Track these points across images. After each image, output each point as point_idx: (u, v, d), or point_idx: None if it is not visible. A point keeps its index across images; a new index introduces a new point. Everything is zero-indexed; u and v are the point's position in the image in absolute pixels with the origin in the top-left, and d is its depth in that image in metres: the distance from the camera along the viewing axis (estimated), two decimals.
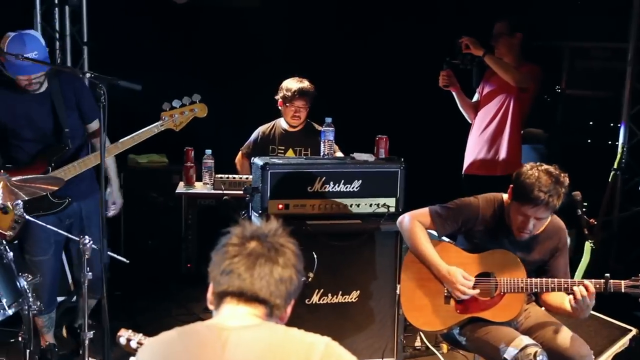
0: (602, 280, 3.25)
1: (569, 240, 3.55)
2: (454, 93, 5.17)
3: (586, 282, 3.23)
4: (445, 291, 3.48)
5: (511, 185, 3.37)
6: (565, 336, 3.34)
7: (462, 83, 5.23)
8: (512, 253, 3.42)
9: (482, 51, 4.89)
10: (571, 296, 3.25)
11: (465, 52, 4.97)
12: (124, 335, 2.56)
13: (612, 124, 6.22)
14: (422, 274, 3.52)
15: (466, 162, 5.26)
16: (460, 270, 3.42)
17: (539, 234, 3.44)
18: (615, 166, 6.01)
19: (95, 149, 4.09)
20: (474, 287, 3.41)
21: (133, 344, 2.54)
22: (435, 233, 3.59)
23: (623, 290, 3.25)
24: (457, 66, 5.12)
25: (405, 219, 3.59)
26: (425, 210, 3.56)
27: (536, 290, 3.39)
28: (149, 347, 1.93)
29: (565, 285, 3.30)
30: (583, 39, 6.37)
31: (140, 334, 2.55)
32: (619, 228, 6.04)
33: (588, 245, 4.42)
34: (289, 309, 1.92)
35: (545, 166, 3.30)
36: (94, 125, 4.12)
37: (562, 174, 3.28)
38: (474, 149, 5.18)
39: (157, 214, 5.99)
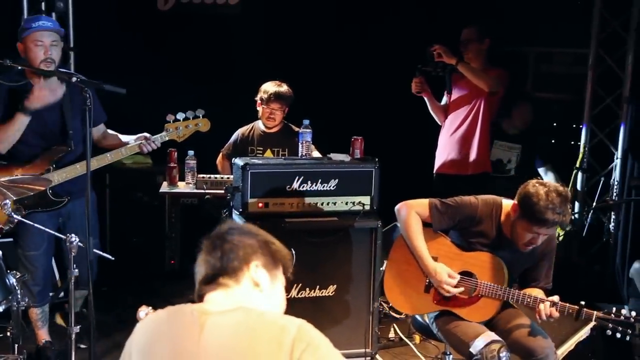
0: (576, 307, 3.24)
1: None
2: (425, 98, 5.21)
3: (558, 304, 3.24)
4: (427, 281, 3.49)
5: (516, 202, 3.30)
6: (528, 329, 3.37)
7: (432, 88, 5.27)
8: (498, 258, 3.40)
9: (454, 59, 4.93)
10: (541, 307, 3.25)
11: (437, 60, 4.99)
12: (144, 310, 2.59)
13: (574, 125, 6.29)
14: (409, 260, 3.53)
15: (437, 162, 5.31)
16: (446, 269, 3.41)
17: None
18: (577, 165, 6.09)
19: (98, 151, 4.08)
20: (456, 286, 3.43)
21: None
22: None
23: (593, 320, 3.23)
24: (429, 73, 5.15)
25: (403, 208, 3.54)
26: (424, 202, 3.52)
27: (511, 301, 3.39)
28: (144, 323, 2.01)
29: (540, 303, 3.28)
30: (547, 45, 6.44)
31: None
32: (580, 223, 6.11)
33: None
34: (252, 267, 1.98)
35: (552, 185, 3.23)
36: (101, 128, 4.16)
37: (567, 190, 3.24)
38: (445, 149, 5.23)
39: (142, 213, 5.96)
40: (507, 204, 3.41)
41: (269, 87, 5.01)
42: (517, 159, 5.74)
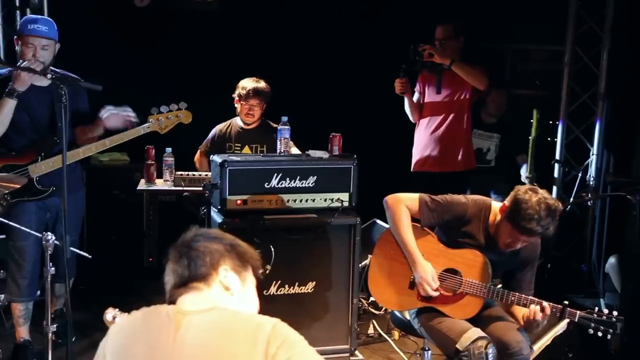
0: (560, 306, 3.25)
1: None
2: (406, 98, 5.20)
3: (544, 303, 3.25)
4: (412, 277, 3.49)
5: (506, 204, 3.30)
6: (503, 324, 3.38)
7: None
8: (484, 257, 3.41)
9: (449, 59, 4.92)
10: (526, 311, 3.27)
11: (427, 60, 4.98)
12: (110, 312, 2.58)
13: (551, 122, 6.33)
14: (395, 255, 3.53)
15: (416, 160, 5.30)
16: (432, 271, 3.42)
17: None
18: (557, 157, 6.13)
19: (82, 144, 4.09)
20: (439, 281, 3.43)
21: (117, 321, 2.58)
22: None
23: (576, 320, 3.24)
24: (414, 72, 5.15)
25: (392, 200, 3.51)
26: (415, 197, 3.50)
27: (496, 299, 3.39)
28: (119, 324, 2.01)
29: (524, 302, 3.30)
30: (524, 42, 6.48)
31: (125, 313, 2.56)
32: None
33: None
34: (221, 272, 1.99)
35: (544, 195, 3.22)
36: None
37: (558, 205, 3.24)
38: (426, 148, 5.21)
39: (119, 211, 5.92)
40: (496, 206, 3.42)
41: (247, 83, 5.00)
42: (497, 148, 5.78)
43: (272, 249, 3.97)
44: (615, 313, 3.22)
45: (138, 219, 5.63)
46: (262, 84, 5.01)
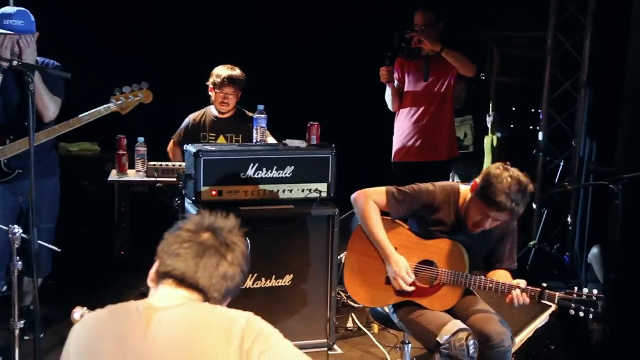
0: (538, 289, 3.28)
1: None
2: (388, 86, 5.20)
3: (522, 284, 3.28)
4: (387, 272, 3.50)
5: (476, 181, 3.32)
6: (484, 315, 3.40)
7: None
8: (459, 245, 3.42)
9: (439, 46, 4.94)
10: (513, 293, 3.28)
11: (415, 46, 5.00)
12: (78, 311, 2.55)
13: (532, 110, 6.37)
14: (368, 251, 3.53)
15: (397, 149, 5.29)
16: (405, 264, 3.42)
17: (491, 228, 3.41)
18: (539, 147, 6.17)
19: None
20: (415, 274, 3.44)
21: None
22: None
23: (556, 302, 3.27)
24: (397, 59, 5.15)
25: (360, 196, 3.52)
26: (381, 190, 3.50)
27: (473, 287, 3.42)
28: (83, 322, 1.94)
29: (503, 288, 3.31)
30: (505, 29, 6.50)
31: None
32: (539, 208, 6.21)
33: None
34: (224, 305, 1.94)
35: (515, 171, 3.24)
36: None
37: (530, 184, 3.25)
38: (408, 136, 5.21)
39: (90, 202, 5.89)
40: (465, 188, 3.44)
41: (222, 70, 4.98)
42: (472, 131, 5.81)
43: (248, 241, 3.94)
44: (595, 291, 3.25)
45: (109, 211, 5.57)
46: (237, 72, 4.99)
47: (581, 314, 3.24)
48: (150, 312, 1.85)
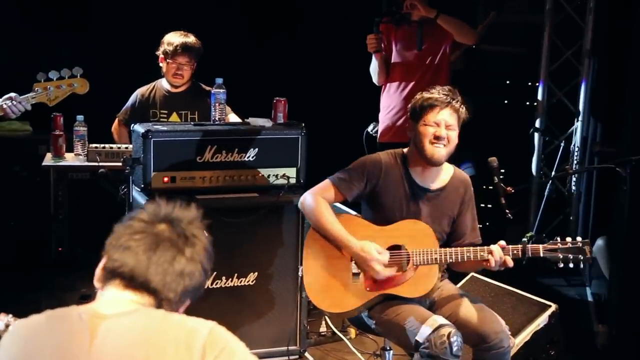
0: (519, 246, 3.38)
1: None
2: (375, 57, 5.19)
3: (501, 243, 3.39)
4: (353, 267, 3.53)
5: (408, 117, 3.64)
6: (478, 313, 3.45)
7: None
8: (422, 223, 3.52)
9: (434, 12, 4.97)
10: (490, 257, 3.38)
11: (406, 11, 5.01)
12: (2, 320, 2.51)
13: (529, 83, 6.41)
14: (327, 252, 3.56)
15: (385, 128, 5.28)
16: (373, 245, 3.47)
17: (445, 187, 3.60)
18: (536, 125, 6.21)
19: None
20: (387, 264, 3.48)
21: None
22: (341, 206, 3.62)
23: (541, 254, 3.39)
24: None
25: (306, 197, 3.62)
26: (325, 182, 3.61)
27: (451, 260, 3.47)
28: (14, 332, 1.90)
29: (482, 253, 3.40)
30: None
31: (22, 319, 2.50)
32: (537, 195, 6.26)
33: None
34: (181, 309, 1.91)
35: None
36: None
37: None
38: (397, 114, 5.19)
39: (21, 191, 5.86)
40: (407, 149, 3.64)
41: (174, 38, 4.95)
42: None
43: (206, 235, 3.94)
44: (579, 238, 3.43)
45: (44, 200, 5.55)
46: (191, 39, 4.97)
47: (571, 265, 3.40)
48: (96, 320, 1.81)
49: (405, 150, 3.64)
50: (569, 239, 3.41)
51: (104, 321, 1.81)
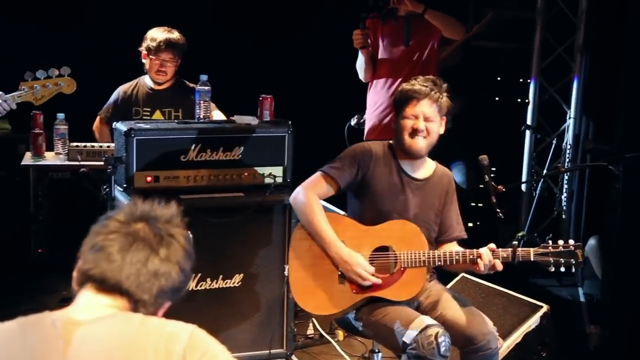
0: (510, 250, 3.41)
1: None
2: (362, 52, 5.21)
3: (491, 246, 3.42)
4: (339, 270, 3.54)
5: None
6: (465, 314, 3.47)
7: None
8: (411, 223, 3.54)
9: (421, 7, 4.98)
10: (479, 261, 3.40)
11: (393, 6, 5.02)
12: None
13: (521, 80, 6.44)
14: (313, 252, 3.57)
15: (372, 127, 5.29)
16: (362, 259, 3.49)
17: (431, 177, 3.67)
18: (528, 122, 6.24)
19: None
20: (371, 264, 3.50)
21: None
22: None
23: (532, 259, 3.42)
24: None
25: (299, 193, 3.62)
26: (316, 175, 3.63)
27: (439, 263, 3.50)
28: None
29: (471, 256, 3.42)
30: None
31: None
32: (529, 193, 6.30)
33: None
34: (160, 312, 1.90)
35: None
36: None
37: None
38: (384, 111, 5.20)
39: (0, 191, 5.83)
40: (394, 140, 3.70)
41: (157, 34, 4.96)
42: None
43: (190, 236, 3.95)
44: (571, 241, 3.44)
45: (23, 201, 5.53)
46: (175, 35, 4.98)
47: (562, 268, 3.43)
48: (70, 327, 1.78)
49: (392, 141, 3.71)
50: (560, 242, 3.44)
51: (78, 328, 1.78)
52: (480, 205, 5.94)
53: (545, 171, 6.20)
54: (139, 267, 1.83)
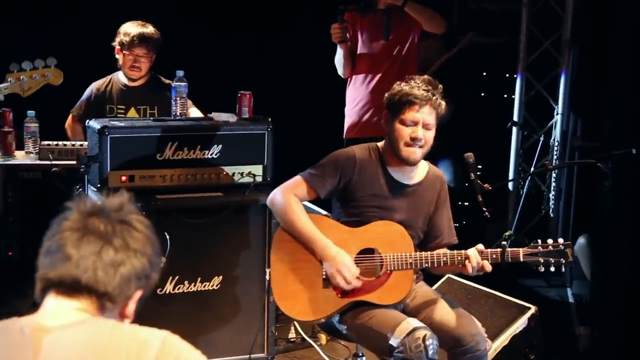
0: (499, 250, 3.42)
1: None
2: (340, 47, 5.20)
3: (479, 247, 3.43)
4: (324, 273, 3.53)
5: (385, 111, 3.60)
6: (453, 315, 3.48)
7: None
8: (396, 225, 3.53)
9: (401, 0, 4.98)
10: (467, 263, 3.41)
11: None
12: None
13: (507, 75, 6.46)
14: (296, 255, 3.56)
15: (351, 124, 5.29)
16: (348, 258, 3.48)
17: (422, 182, 3.63)
18: (514, 119, 6.26)
19: None
20: (357, 265, 3.50)
21: None
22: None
23: (522, 259, 3.44)
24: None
25: (276, 194, 3.61)
26: (296, 179, 3.61)
27: (427, 265, 3.50)
28: None
29: (459, 258, 3.43)
30: None
31: None
32: (516, 191, 6.32)
33: None
34: (131, 303, 1.87)
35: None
36: None
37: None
38: (364, 107, 5.20)
39: None
40: (382, 142, 3.65)
41: (131, 28, 4.94)
42: None
43: (167, 237, 3.94)
44: (561, 240, 3.47)
45: None
46: (149, 29, 4.96)
47: (552, 268, 3.46)
48: (39, 334, 1.77)
49: (379, 144, 3.65)
50: (550, 241, 3.46)
51: (47, 334, 1.77)
52: (466, 204, 5.95)
53: (532, 169, 6.23)
54: (93, 260, 1.80)
